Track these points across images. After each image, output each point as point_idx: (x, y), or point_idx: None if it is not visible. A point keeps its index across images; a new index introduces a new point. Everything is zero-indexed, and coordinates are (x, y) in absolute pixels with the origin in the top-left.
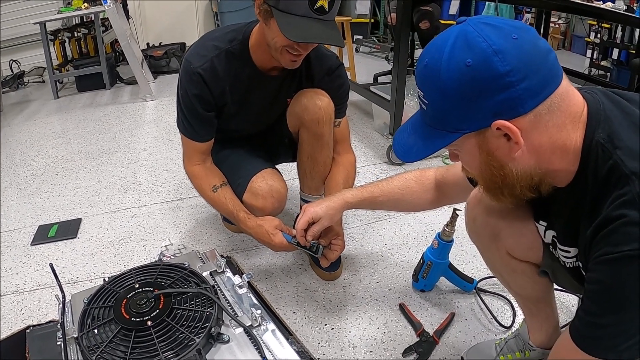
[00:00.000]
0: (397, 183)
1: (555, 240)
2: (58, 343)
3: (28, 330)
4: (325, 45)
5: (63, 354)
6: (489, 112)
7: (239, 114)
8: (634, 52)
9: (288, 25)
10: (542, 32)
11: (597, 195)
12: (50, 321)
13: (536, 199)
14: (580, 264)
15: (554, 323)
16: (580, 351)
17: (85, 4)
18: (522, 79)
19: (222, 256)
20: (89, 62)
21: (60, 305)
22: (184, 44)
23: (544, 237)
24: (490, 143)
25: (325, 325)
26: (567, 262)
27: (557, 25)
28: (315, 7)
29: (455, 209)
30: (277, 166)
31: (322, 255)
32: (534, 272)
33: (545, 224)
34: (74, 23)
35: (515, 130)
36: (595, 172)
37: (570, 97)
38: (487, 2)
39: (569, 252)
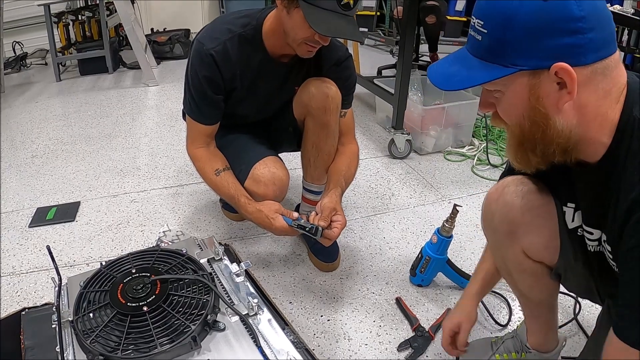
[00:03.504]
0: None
1: (582, 221)
2: (53, 326)
3: (23, 313)
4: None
5: (58, 337)
6: (552, 52)
7: (247, 100)
8: (639, 56)
9: (315, 18)
10: None
11: (631, 172)
12: (46, 304)
13: (562, 180)
14: (609, 249)
15: (554, 327)
16: (633, 350)
17: None
18: (591, 29)
19: (220, 244)
20: (93, 45)
21: (56, 288)
22: (188, 30)
23: (573, 220)
24: (543, 87)
25: (321, 316)
26: (591, 246)
27: None
28: (342, 3)
29: (455, 205)
30: (280, 155)
31: (322, 236)
32: (545, 274)
33: (573, 205)
34: (79, 6)
35: (574, 77)
36: (629, 147)
37: (620, 68)
38: None
39: (592, 234)
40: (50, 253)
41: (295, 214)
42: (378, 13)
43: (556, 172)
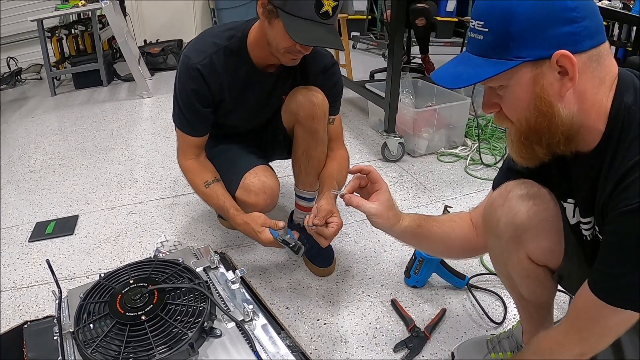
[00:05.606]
0: (440, 221)
1: (579, 215)
2: (55, 338)
3: (25, 326)
4: None
5: (59, 348)
6: (552, 41)
7: (236, 110)
8: (630, 49)
9: (294, 28)
10: None
11: (621, 155)
12: (47, 317)
13: (561, 177)
14: (597, 229)
15: (550, 327)
16: (603, 304)
17: (83, 1)
18: (584, 18)
19: (215, 252)
20: (86, 59)
21: (57, 301)
22: (181, 41)
23: (573, 216)
24: (546, 77)
25: (318, 320)
26: (588, 236)
27: None
28: (320, 12)
29: (446, 206)
30: (271, 163)
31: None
32: (547, 277)
33: (573, 201)
34: (71, 20)
35: (574, 62)
36: (620, 132)
37: (610, 58)
38: None
39: (589, 222)
40: (50, 267)
41: (282, 224)
42: (369, 17)
43: (555, 168)
